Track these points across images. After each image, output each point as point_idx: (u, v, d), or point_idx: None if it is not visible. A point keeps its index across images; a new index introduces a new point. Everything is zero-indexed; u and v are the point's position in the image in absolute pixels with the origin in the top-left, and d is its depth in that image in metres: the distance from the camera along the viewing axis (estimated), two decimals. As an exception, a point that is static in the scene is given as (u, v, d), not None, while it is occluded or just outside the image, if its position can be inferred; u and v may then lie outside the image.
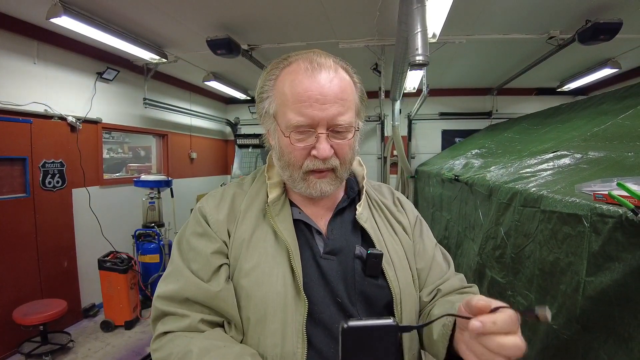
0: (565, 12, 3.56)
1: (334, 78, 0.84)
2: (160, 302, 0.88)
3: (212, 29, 3.90)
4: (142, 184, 4.65)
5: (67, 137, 4.04)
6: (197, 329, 0.84)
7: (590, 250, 1.20)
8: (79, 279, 4.19)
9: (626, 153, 1.61)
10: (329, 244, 0.93)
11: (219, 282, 0.86)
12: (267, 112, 0.90)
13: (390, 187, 1.18)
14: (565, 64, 5.31)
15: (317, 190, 0.89)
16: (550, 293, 1.45)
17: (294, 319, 0.82)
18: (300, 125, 0.83)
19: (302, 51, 0.90)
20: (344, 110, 0.84)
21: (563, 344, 1.33)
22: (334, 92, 0.83)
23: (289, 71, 0.87)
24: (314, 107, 0.82)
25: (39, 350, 3.34)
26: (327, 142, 0.85)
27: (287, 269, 0.86)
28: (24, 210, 3.58)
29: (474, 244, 2.50)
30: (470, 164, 3.41)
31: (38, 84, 3.73)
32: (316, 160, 0.86)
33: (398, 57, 3.64)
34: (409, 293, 0.94)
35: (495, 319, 0.61)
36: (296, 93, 0.83)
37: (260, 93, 0.92)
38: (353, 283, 0.90)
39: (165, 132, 6.00)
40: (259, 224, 0.93)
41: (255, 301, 0.84)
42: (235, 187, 1.03)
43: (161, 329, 0.85)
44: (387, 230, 1.01)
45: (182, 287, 0.86)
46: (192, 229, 0.95)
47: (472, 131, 6.69)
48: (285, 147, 0.87)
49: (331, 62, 0.87)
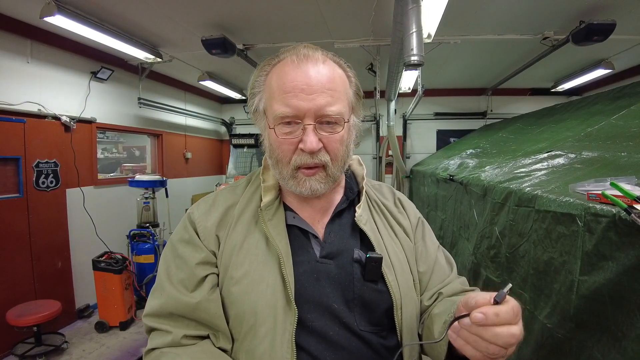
0: (559, 13, 3.58)
1: (322, 69, 0.82)
2: (146, 317, 0.87)
3: (207, 29, 3.88)
4: (137, 184, 4.62)
5: (61, 136, 4.01)
6: (180, 344, 0.82)
7: (584, 250, 1.21)
8: (73, 279, 4.16)
9: (619, 153, 1.62)
10: (325, 248, 0.90)
11: (200, 293, 0.84)
12: (257, 109, 0.89)
13: (392, 187, 1.15)
14: (559, 65, 5.34)
15: (307, 188, 0.85)
16: (545, 292, 1.46)
17: (283, 328, 0.80)
18: (285, 115, 0.81)
19: (293, 45, 0.88)
20: (332, 100, 0.81)
21: (557, 343, 1.34)
22: (321, 82, 0.81)
23: (278, 66, 0.86)
24: (299, 97, 0.79)
25: (33, 352, 3.31)
26: (314, 134, 0.81)
27: (277, 277, 0.83)
28: (17, 210, 3.55)
29: (468, 244, 2.51)
30: (465, 164, 3.42)
31: (31, 83, 3.70)
32: (304, 154, 0.83)
33: (393, 57, 3.64)
34: (410, 298, 0.91)
35: (499, 310, 0.61)
36: (282, 84, 0.81)
37: (251, 89, 0.91)
38: (352, 288, 0.87)
39: (160, 131, 5.97)
40: (251, 229, 0.90)
41: (246, 309, 0.82)
42: (228, 192, 1.00)
43: (149, 344, 0.85)
44: (387, 232, 0.98)
45: (164, 302, 0.85)
46: (179, 235, 0.92)
47: (466, 131, 6.73)
48: (273, 141, 0.85)
49: (319, 54, 0.85)
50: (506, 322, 0.61)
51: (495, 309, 0.61)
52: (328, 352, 0.82)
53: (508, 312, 0.61)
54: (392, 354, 0.86)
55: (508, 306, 0.62)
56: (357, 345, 0.83)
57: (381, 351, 0.86)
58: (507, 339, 0.61)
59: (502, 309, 0.61)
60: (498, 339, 0.60)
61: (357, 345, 0.83)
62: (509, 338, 0.61)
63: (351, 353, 0.82)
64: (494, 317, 0.60)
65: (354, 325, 0.85)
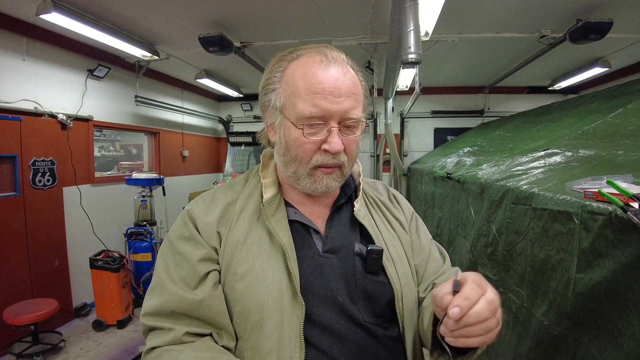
0: (556, 12, 3.58)
1: (347, 72, 0.84)
2: (144, 317, 0.86)
3: (204, 26, 3.87)
4: (134, 182, 4.61)
5: (58, 135, 3.99)
6: (182, 341, 0.81)
7: (581, 247, 1.21)
8: (71, 278, 4.15)
9: (616, 151, 1.63)
10: (327, 243, 0.91)
11: (203, 290, 0.83)
12: (273, 106, 0.88)
13: (385, 183, 1.17)
14: (556, 63, 5.35)
15: (323, 186, 0.87)
16: (541, 289, 1.47)
17: (290, 322, 0.80)
18: (313, 116, 0.81)
19: (312, 45, 0.89)
20: (355, 104, 0.84)
21: (554, 340, 1.34)
22: (347, 86, 0.82)
23: (299, 63, 0.85)
24: (327, 99, 0.81)
25: (30, 351, 3.30)
26: (339, 136, 0.83)
27: (282, 271, 0.84)
28: (13, 209, 3.53)
29: (465, 241, 2.51)
30: (462, 162, 3.43)
31: (28, 81, 3.68)
32: (326, 155, 0.84)
33: (391, 55, 3.65)
34: (410, 289, 0.94)
35: (465, 294, 0.65)
36: (310, 84, 0.81)
37: (265, 85, 0.90)
38: (354, 281, 0.88)
39: (157, 129, 5.95)
40: (253, 225, 0.90)
41: (251, 305, 0.82)
42: (226, 189, 1.00)
43: (148, 344, 0.83)
44: (384, 226, 1.00)
45: (165, 300, 0.84)
46: (178, 232, 0.91)
47: (464, 129, 6.73)
48: (294, 140, 0.85)
49: (343, 57, 0.87)
50: (478, 297, 0.66)
51: (462, 294, 0.66)
52: (335, 345, 0.82)
53: (473, 289, 0.66)
54: (396, 344, 0.89)
55: (468, 285, 0.67)
56: (363, 337, 0.84)
57: (386, 342, 0.88)
58: (489, 307, 0.65)
59: (466, 291, 0.66)
60: (482, 314, 0.65)
61: (363, 337, 0.84)
62: (490, 305, 0.66)
63: (358, 345, 0.83)
64: (465, 302, 0.64)
65: (359, 317, 0.86)
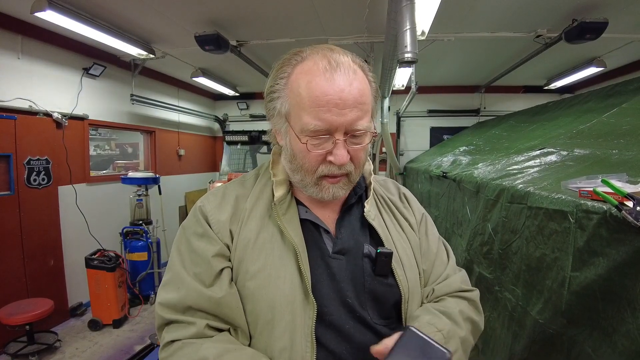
0: (552, 11, 3.60)
1: (354, 80, 0.80)
2: (163, 310, 0.84)
3: (200, 25, 3.86)
4: (130, 181, 4.60)
5: (53, 133, 3.97)
6: (205, 335, 0.80)
7: (576, 246, 1.22)
8: (66, 277, 4.12)
9: (611, 150, 1.64)
10: (337, 244, 0.90)
11: (221, 287, 0.83)
12: (279, 113, 0.86)
13: (396, 182, 1.15)
14: (552, 63, 5.37)
15: (330, 195, 0.87)
16: (537, 288, 1.48)
17: (302, 322, 0.80)
18: (317, 130, 0.79)
19: (317, 45, 0.86)
20: (362, 114, 0.81)
21: (549, 338, 1.35)
22: (354, 97, 0.79)
23: (303, 70, 0.82)
24: (332, 112, 0.78)
25: (26, 351, 3.28)
26: (344, 148, 0.81)
27: (294, 271, 0.83)
28: (8, 208, 3.51)
29: (461, 240, 2.52)
30: (458, 161, 3.44)
31: (22, 79, 3.65)
32: (332, 165, 0.83)
33: (387, 54, 3.65)
34: (416, 292, 0.93)
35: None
36: (314, 96, 0.78)
37: (270, 92, 0.87)
38: (362, 283, 0.88)
39: (153, 128, 5.92)
40: (265, 224, 0.90)
41: (263, 304, 0.81)
42: (237, 186, 0.98)
43: (167, 337, 0.82)
44: (394, 227, 0.99)
45: (184, 295, 0.82)
46: (192, 229, 0.90)
47: (460, 128, 6.76)
48: (300, 151, 0.84)
49: (350, 60, 0.83)
50: None
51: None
52: (345, 345, 0.82)
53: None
54: None
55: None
56: (371, 338, 0.84)
57: None
58: None
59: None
60: None
61: (372, 339, 0.84)
62: None
63: (366, 346, 0.82)
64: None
65: (368, 318, 0.86)
